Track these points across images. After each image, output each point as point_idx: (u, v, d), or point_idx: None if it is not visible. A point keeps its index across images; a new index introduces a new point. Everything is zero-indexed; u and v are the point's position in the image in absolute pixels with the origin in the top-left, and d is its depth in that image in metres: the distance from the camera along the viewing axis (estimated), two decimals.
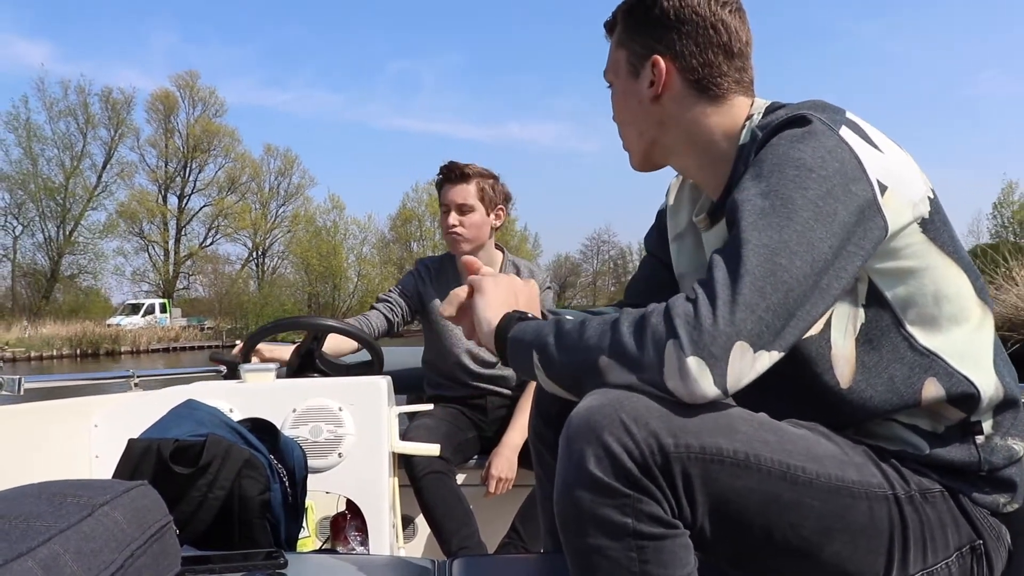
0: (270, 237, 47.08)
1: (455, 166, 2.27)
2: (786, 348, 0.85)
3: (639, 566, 0.81)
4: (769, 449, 0.86)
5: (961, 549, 0.94)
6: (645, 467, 0.81)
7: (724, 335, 0.80)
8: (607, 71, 1.17)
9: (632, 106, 1.13)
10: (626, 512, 0.81)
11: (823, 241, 0.85)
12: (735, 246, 0.85)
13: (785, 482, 0.85)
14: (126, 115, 42.61)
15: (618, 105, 1.16)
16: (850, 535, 0.88)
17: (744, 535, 0.86)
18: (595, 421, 0.83)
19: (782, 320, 0.83)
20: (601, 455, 0.81)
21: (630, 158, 1.18)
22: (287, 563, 1.14)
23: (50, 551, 0.64)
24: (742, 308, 0.81)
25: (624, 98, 1.14)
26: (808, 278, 0.84)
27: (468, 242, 2.26)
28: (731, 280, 0.83)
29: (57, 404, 1.87)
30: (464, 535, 1.97)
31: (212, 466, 1.28)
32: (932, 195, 0.96)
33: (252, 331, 2.15)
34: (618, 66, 1.14)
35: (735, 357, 0.81)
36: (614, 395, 0.85)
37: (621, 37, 1.13)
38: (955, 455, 0.95)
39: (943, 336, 0.95)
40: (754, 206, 0.87)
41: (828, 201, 0.87)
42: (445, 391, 2.38)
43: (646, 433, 0.81)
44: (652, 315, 0.85)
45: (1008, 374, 0.99)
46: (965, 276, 0.96)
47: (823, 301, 0.87)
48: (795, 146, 0.91)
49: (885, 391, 0.95)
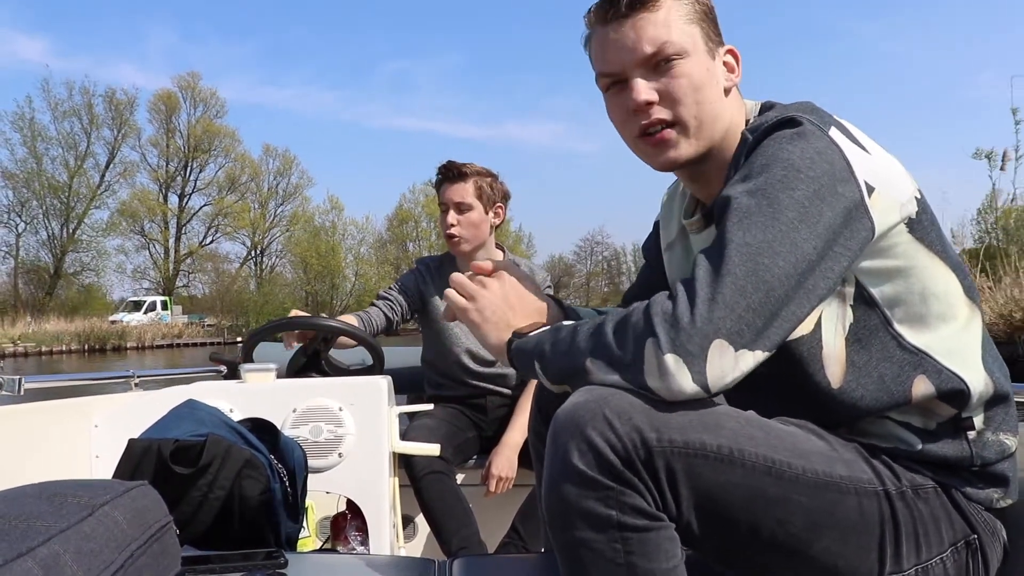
0: (268, 236, 47.79)
1: (453, 165, 2.27)
2: (772, 348, 0.85)
3: (624, 557, 0.82)
4: (754, 444, 0.87)
5: (955, 544, 0.94)
6: (628, 460, 0.82)
7: (701, 333, 0.81)
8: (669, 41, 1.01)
9: (714, 86, 1.04)
10: (610, 504, 0.82)
11: (807, 242, 0.86)
12: (719, 245, 0.86)
13: (770, 477, 0.86)
14: (129, 115, 43.28)
15: (701, 80, 1.02)
16: (840, 531, 0.89)
17: (730, 530, 0.87)
18: (579, 416, 0.84)
19: (763, 319, 0.83)
20: (584, 449, 0.83)
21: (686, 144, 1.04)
22: (287, 563, 1.14)
23: (50, 551, 0.64)
24: (721, 306, 0.82)
25: (709, 75, 1.03)
26: (791, 278, 0.85)
27: (467, 241, 2.26)
28: (712, 278, 0.84)
29: (57, 404, 1.87)
30: (464, 535, 1.97)
31: (212, 466, 1.28)
32: (919, 195, 0.97)
33: (254, 328, 2.15)
34: (695, 40, 1.03)
35: (714, 355, 0.82)
36: (599, 392, 0.86)
37: (693, 15, 1.03)
38: (947, 451, 0.96)
39: (932, 334, 0.96)
40: (740, 205, 0.88)
41: (815, 202, 0.87)
42: (445, 391, 2.38)
43: (629, 428, 0.82)
44: (633, 314, 0.87)
45: (998, 370, 1.00)
46: (953, 274, 0.97)
47: (809, 301, 0.87)
48: (785, 147, 0.91)
49: (876, 390, 0.95)
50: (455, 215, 2.24)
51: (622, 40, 1.03)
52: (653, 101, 1.02)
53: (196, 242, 46.16)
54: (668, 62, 1.01)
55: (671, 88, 1.02)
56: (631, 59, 1.02)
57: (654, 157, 1.06)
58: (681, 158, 1.04)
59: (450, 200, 2.25)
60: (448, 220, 2.25)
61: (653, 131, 1.04)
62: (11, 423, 1.75)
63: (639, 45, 1.01)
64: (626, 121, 1.06)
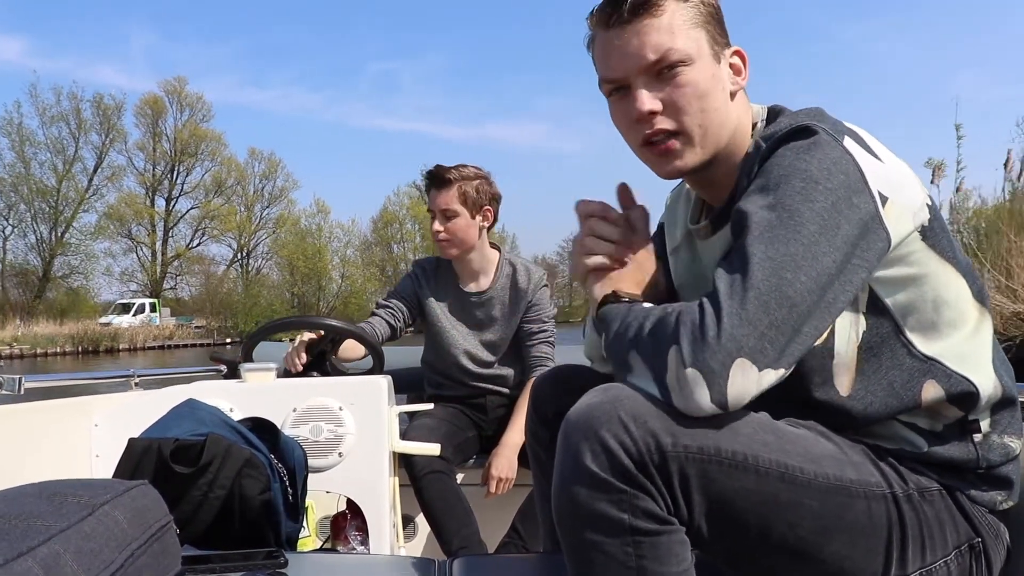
0: (254, 239, 48.54)
1: (439, 171, 2.27)
2: (791, 365, 0.85)
3: (635, 561, 0.82)
4: (768, 450, 0.86)
5: (960, 547, 0.94)
6: (642, 464, 0.82)
7: (724, 350, 0.81)
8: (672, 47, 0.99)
9: (719, 93, 1.01)
10: (623, 508, 0.82)
11: (827, 255, 0.86)
12: (742, 259, 0.86)
13: (783, 483, 0.86)
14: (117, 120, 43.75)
15: (706, 88, 1.00)
16: (848, 534, 0.89)
17: (741, 534, 0.86)
18: (594, 418, 0.84)
19: (786, 336, 0.83)
20: (598, 451, 0.82)
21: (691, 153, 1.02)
22: (287, 562, 1.14)
23: (50, 550, 0.64)
24: (745, 323, 0.82)
25: (715, 82, 1.01)
26: (812, 293, 0.84)
27: (455, 247, 2.27)
28: (736, 293, 0.83)
29: (57, 403, 1.87)
30: (464, 535, 1.97)
31: (212, 465, 1.28)
32: (930, 201, 0.96)
33: (253, 329, 2.16)
34: (700, 45, 1.00)
35: (736, 373, 0.81)
36: (613, 393, 0.86)
37: (698, 17, 1.01)
38: (953, 453, 0.95)
39: (943, 342, 0.95)
40: (761, 219, 0.87)
41: (833, 215, 0.87)
42: (445, 390, 2.38)
43: (644, 432, 0.82)
44: (668, 316, 0.87)
45: (1006, 373, 1.00)
46: (963, 280, 0.96)
47: (829, 315, 0.87)
48: (801, 157, 0.90)
49: (885, 396, 0.95)
50: (440, 222, 2.26)
51: (625, 46, 0.99)
52: (657, 111, 1.00)
53: (183, 245, 46.89)
54: (672, 69, 0.98)
55: (675, 97, 0.99)
56: (634, 66, 0.99)
57: (659, 166, 1.04)
58: (687, 167, 1.03)
59: (436, 207, 2.26)
60: (434, 227, 2.27)
61: (657, 140, 1.01)
62: (11, 422, 1.75)
63: (642, 52, 0.98)
64: (630, 129, 1.04)
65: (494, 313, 2.34)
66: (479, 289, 2.36)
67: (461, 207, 2.25)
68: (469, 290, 2.36)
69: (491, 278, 2.35)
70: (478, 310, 2.35)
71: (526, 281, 2.33)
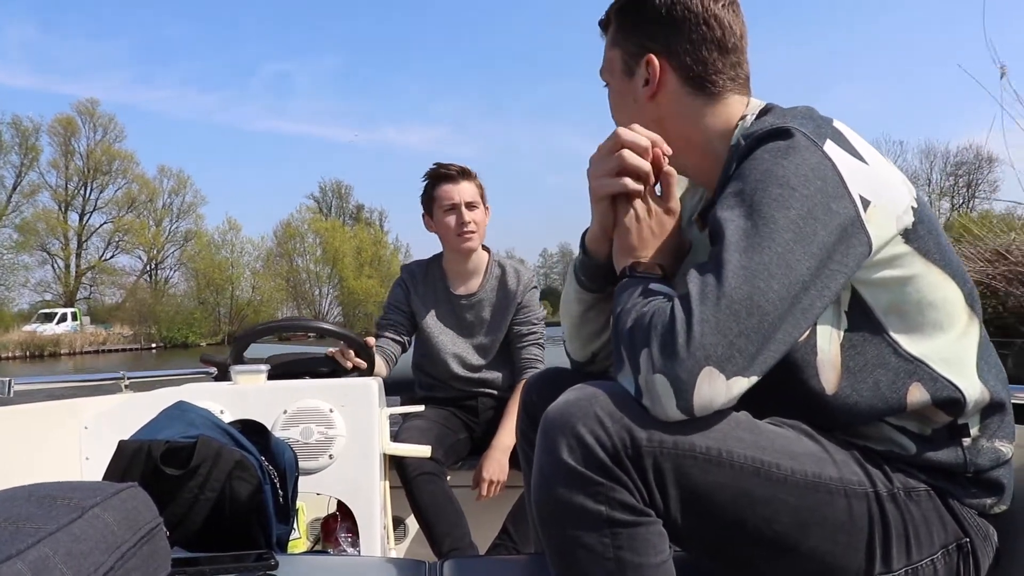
0: (164, 251, 51.28)
1: (455, 165, 2.30)
2: (763, 372, 0.86)
3: (613, 552, 0.84)
4: (743, 446, 0.87)
5: (947, 547, 0.95)
6: (617, 458, 0.83)
7: (692, 358, 0.82)
8: (603, 70, 1.17)
9: (628, 105, 1.12)
10: (599, 500, 0.83)
11: (801, 263, 0.86)
12: (716, 266, 0.86)
13: (758, 478, 0.87)
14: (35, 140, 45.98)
15: (615, 105, 1.16)
16: (827, 529, 0.89)
17: (718, 527, 0.88)
18: (570, 414, 0.85)
19: (756, 345, 0.84)
20: (574, 445, 0.84)
21: None
22: (277, 565, 1.14)
23: (40, 553, 0.64)
24: (715, 332, 0.82)
25: (620, 98, 1.14)
26: (785, 301, 0.85)
27: (480, 238, 2.30)
28: (709, 300, 0.84)
29: (47, 406, 1.87)
30: (455, 536, 1.97)
31: (203, 468, 1.28)
32: (916, 204, 0.96)
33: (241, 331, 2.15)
34: (613, 65, 1.13)
35: (703, 382, 0.82)
36: (590, 390, 0.87)
37: (615, 36, 1.13)
38: (942, 457, 0.96)
39: (928, 343, 0.96)
40: (737, 227, 0.88)
41: (809, 221, 0.87)
42: (436, 392, 2.39)
43: (619, 427, 0.84)
44: (644, 317, 0.88)
45: (994, 378, 0.99)
46: (952, 282, 0.97)
47: (804, 321, 0.88)
48: (779, 162, 0.90)
49: (871, 396, 0.95)
50: (469, 213, 2.26)
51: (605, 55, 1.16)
52: None
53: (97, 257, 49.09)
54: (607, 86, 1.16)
55: None
56: None
57: None
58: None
59: (461, 199, 2.27)
60: (465, 218, 2.26)
61: None
62: (0, 425, 1.75)
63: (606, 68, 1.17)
64: None
65: (484, 315, 2.34)
66: (468, 292, 2.36)
67: (480, 200, 2.30)
68: (459, 293, 2.36)
69: (480, 280, 2.36)
70: (468, 313, 2.35)
71: (515, 283, 2.34)
